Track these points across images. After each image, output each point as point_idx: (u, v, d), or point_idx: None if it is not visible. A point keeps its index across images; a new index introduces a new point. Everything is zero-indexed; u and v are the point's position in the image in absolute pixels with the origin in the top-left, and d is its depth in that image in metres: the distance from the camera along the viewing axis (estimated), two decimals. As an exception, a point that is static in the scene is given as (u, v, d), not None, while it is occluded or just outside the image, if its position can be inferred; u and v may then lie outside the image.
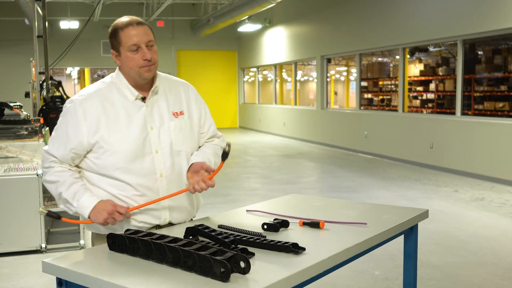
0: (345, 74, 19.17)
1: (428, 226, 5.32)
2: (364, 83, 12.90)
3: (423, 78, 11.34)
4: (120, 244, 1.79)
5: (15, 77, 15.67)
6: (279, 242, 1.78)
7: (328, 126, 13.15)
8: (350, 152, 11.88)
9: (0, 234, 4.56)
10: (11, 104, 6.66)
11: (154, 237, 1.74)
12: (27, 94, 7.65)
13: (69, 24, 15.16)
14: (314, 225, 2.08)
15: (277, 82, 17.31)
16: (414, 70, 11.53)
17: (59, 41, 11.81)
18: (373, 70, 13.16)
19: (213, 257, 1.51)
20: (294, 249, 1.74)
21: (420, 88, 11.69)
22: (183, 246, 1.63)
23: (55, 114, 6.64)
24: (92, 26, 12.90)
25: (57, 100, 7.15)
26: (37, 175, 4.52)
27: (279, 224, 2.05)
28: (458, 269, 4.21)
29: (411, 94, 11.57)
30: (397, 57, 11.00)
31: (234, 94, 20.02)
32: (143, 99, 2.15)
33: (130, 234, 1.79)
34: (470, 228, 5.39)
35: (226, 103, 19.81)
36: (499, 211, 6.07)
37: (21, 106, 7.30)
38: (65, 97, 7.53)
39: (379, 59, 13.88)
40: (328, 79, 14.00)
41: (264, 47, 17.42)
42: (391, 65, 13.18)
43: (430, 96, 11.37)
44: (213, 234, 1.80)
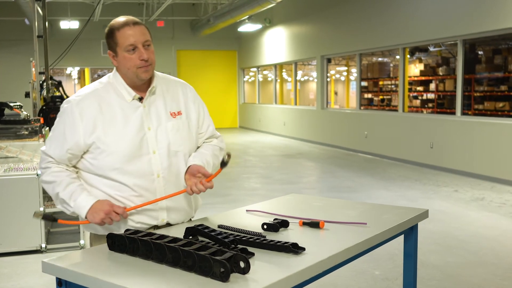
0: (345, 74, 19.17)
1: (428, 226, 5.32)
2: (364, 83, 12.89)
3: (423, 78, 11.34)
4: (119, 244, 1.79)
5: (15, 77, 15.68)
6: (279, 242, 1.78)
7: (328, 126, 13.15)
8: (350, 152, 11.88)
9: (0, 234, 4.56)
10: (11, 104, 6.66)
11: (154, 237, 1.74)
12: (27, 94, 7.65)
13: (69, 24, 15.16)
14: (314, 225, 2.08)
15: (277, 82, 17.31)
16: (414, 70, 11.53)
17: (59, 41, 11.81)
18: (373, 70, 13.16)
19: (212, 257, 1.51)
20: (294, 249, 1.74)
21: (420, 88, 11.69)
22: (183, 246, 1.63)
23: (55, 114, 6.60)
24: (92, 26, 12.88)
25: (57, 100, 7.15)
26: (37, 175, 4.52)
27: (279, 224, 2.05)
28: (458, 269, 4.20)
29: (411, 94, 11.57)
30: (397, 57, 11.00)
31: (234, 94, 20.02)
32: (140, 99, 2.14)
33: (129, 234, 1.79)
34: (470, 228, 5.39)
35: (226, 103, 19.82)
36: (499, 211, 6.07)
37: (21, 106, 7.30)
38: (65, 97, 7.53)
39: (379, 59, 13.87)
40: (328, 79, 14.00)
41: (264, 47, 17.42)
42: (391, 65, 13.18)
43: (430, 96, 11.37)
44: (212, 234, 1.80)
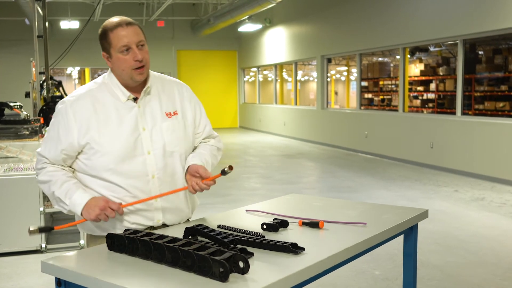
0: (345, 74, 19.17)
1: (428, 226, 5.32)
2: (364, 83, 12.89)
3: (424, 78, 11.34)
4: (119, 244, 1.79)
5: (15, 77, 15.68)
6: (278, 242, 1.77)
7: (328, 126, 13.15)
8: (350, 152, 11.88)
9: (0, 234, 4.56)
10: (11, 104, 6.66)
11: (153, 237, 1.74)
12: (27, 94, 7.65)
13: (69, 24, 15.16)
14: (313, 225, 2.08)
15: (277, 82, 17.31)
16: (415, 70, 11.52)
17: (59, 41, 11.81)
18: (373, 70, 13.15)
19: (212, 257, 1.51)
20: (293, 249, 1.74)
21: (420, 88, 11.69)
22: (182, 246, 1.63)
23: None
24: (92, 26, 12.86)
25: (57, 100, 7.15)
26: (37, 175, 4.51)
27: (279, 224, 2.05)
28: (458, 269, 4.20)
29: (412, 94, 11.57)
30: (397, 57, 11.00)
31: (234, 94, 20.02)
32: (135, 100, 2.13)
33: (129, 234, 1.79)
34: (470, 228, 5.38)
35: (226, 103, 19.82)
36: (499, 211, 6.07)
37: (21, 106, 7.30)
38: (65, 97, 7.52)
39: (380, 59, 13.87)
40: (328, 79, 14.00)
41: (264, 47, 17.41)
42: (392, 65, 13.17)
43: (431, 96, 11.37)
44: (212, 234, 1.80)
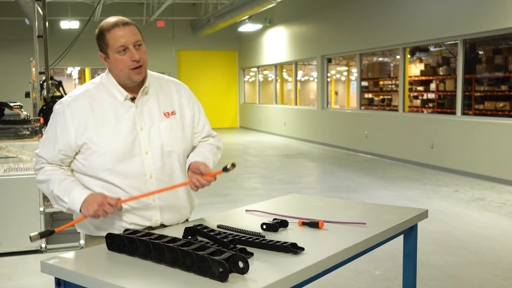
0: (345, 74, 19.17)
1: (428, 226, 5.32)
2: (364, 83, 12.89)
3: (424, 78, 11.34)
4: (118, 244, 1.79)
5: (15, 77, 15.67)
6: (278, 242, 1.77)
7: (328, 126, 13.15)
8: (350, 152, 11.87)
9: (0, 234, 4.56)
10: (11, 104, 6.66)
11: (153, 237, 1.74)
12: (27, 94, 7.65)
13: (69, 24, 15.16)
14: (313, 225, 2.08)
15: (277, 82, 17.31)
16: (415, 70, 11.52)
17: (60, 41, 11.80)
18: (373, 70, 13.15)
19: (211, 257, 1.51)
20: (293, 249, 1.74)
21: (420, 88, 11.69)
22: (182, 246, 1.63)
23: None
24: (92, 26, 12.89)
25: (57, 100, 7.13)
26: (36, 176, 4.51)
27: (278, 224, 2.05)
28: (458, 269, 4.20)
29: (412, 94, 11.57)
30: (397, 57, 10.99)
31: (234, 94, 20.02)
32: (133, 100, 2.12)
33: (128, 234, 1.79)
34: (470, 228, 5.38)
35: (226, 103, 19.82)
36: (499, 211, 6.07)
37: (21, 106, 7.30)
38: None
39: (380, 59, 13.87)
40: (328, 79, 14.00)
41: (264, 47, 17.41)
42: (392, 65, 13.17)
43: (431, 96, 11.37)
44: (212, 234, 1.80)
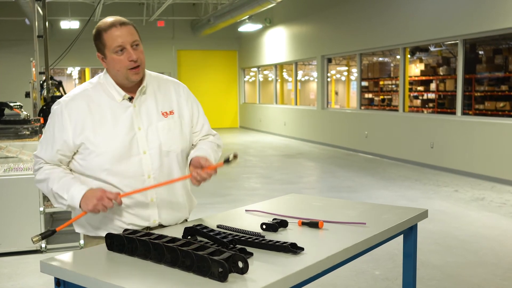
0: (345, 74, 19.17)
1: (428, 226, 5.32)
2: (364, 83, 12.89)
3: (424, 78, 11.34)
4: (118, 244, 1.79)
5: (15, 77, 15.68)
6: (278, 242, 1.77)
7: (328, 126, 13.15)
8: (350, 152, 11.87)
9: (0, 234, 4.56)
10: (11, 104, 6.66)
11: (152, 237, 1.74)
12: (28, 94, 7.65)
13: (69, 24, 15.16)
14: (313, 225, 2.08)
15: (277, 82, 17.31)
16: (415, 70, 11.52)
17: (60, 41, 11.80)
18: (373, 70, 13.15)
19: (211, 257, 1.51)
20: (293, 249, 1.74)
21: (420, 88, 11.69)
22: (181, 246, 1.63)
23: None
24: (92, 26, 12.88)
25: (57, 100, 7.14)
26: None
27: (278, 224, 2.05)
28: (458, 269, 4.20)
29: (412, 94, 11.57)
30: (397, 56, 10.99)
31: (234, 94, 20.02)
32: (131, 99, 2.12)
33: (128, 234, 1.79)
34: (470, 228, 5.38)
35: (226, 103, 19.81)
36: (499, 211, 6.07)
37: (21, 106, 7.30)
38: (64, 97, 7.51)
39: (380, 59, 13.87)
40: (328, 79, 14.00)
41: (264, 47, 17.41)
42: (392, 65, 13.17)
43: (431, 96, 11.37)
44: (211, 234, 1.80)
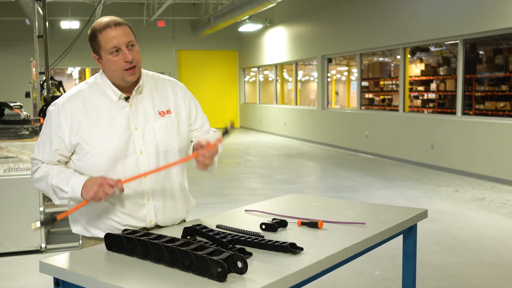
0: (346, 74, 19.17)
1: (428, 226, 5.31)
2: (365, 83, 12.89)
3: (424, 78, 11.34)
4: (117, 244, 1.79)
5: (16, 77, 15.68)
6: (277, 242, 1.77)
7: (328, 126, 13.15)
8: (350, 152, 11.87)
9: (0, 234, 4.56)
10: (11, 104, 6.67)
11: (152, 237, 1.74)
12: (28, 94, 7.64)
13: (69, 24, 15.16)
14: (312, 225, 2.08)
15: (277, 82, 17.30)
16: (415, 70, 11.52)
17: (60, 41, 11.80)
18: (374, 70, 13.15)
19: (210, 257, 1.51)
20: (292, 249, 1.74)
21: (421, 88, 11.69)
22: (180, 246, 1.63)
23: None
24: (92, 26, 12.88)
25: (57, 100, 7.13)
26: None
27: (277, 224, 2.05)
28: (458, 269, 4.20)
29: (412, 94, 11.57)
30: (398, 56, 11.00)
31: (234, 94, 20.02)
32: (127, 99, 2.11)
33: (127, 234, 1.79)
34: (471, 228, 5.38)
35: (226, 103, 19.81)
36: (500, 211, 6.06)
37: (21, 106, 7.30)
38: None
39: (380, 59, 13.87)
40: (329, 79, 13.99)
41: (264, 47, 17.41)
42: (392, 65, 13.18)
43: (431, 96, 11.37)
44: (210, 234, 1.80)
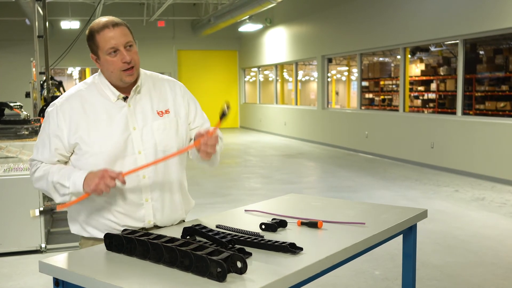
0: (346, 74, 19.17)
1: (428, 226, 5.31)
2: (365, 83, 12.88)
3: (424, 78, 11.34)
4: (117, 244, 1.79)
5: (16, 77, 15.67)
6: (277, 242, 1.77)
7: (328, 126, 13.14)
8: (350, 152, 11.87)
9: (0, 234, 4.56)
10: (11, 104, 6.66)
11: (151, 237, 1.74)
12: (28, 94, 7.65)
13: (69, 24, 15.16)
14: (312, 225, 2.08)
15: (278, 82, 17.30)
16: (415, 70, 11.52)
17: (60, 41, 11.80)
18: (374, 70, 13.15)
19: (209, 257, 1.51)
20: (292, 249, 1.73)
21: (421, 88, 11.69)
22: (180, 246, 1.63)
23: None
24: (93, 26, 12.86)
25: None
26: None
27: (277, 224, 2.05)
28: (458, 269, 4.20)
29: (412, 94, 11.56)
30: (398, 56, 10.99)
31: (235, 94, 20.01)
32: (125, 99, 2.11)
33: (127, 234, 1.79)
34: (471, 228, 5.38)
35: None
36: (500, 211, 6.06)
37: (21, 106, 7.30)
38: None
39: (380, 59, 13.87)
40: (329, 79, 13.99)
41: (265, 47, 17.41)
42: (392, 64, 13.17)
43: (431, 96, 11.37)
44: (210, 234, 1.79)
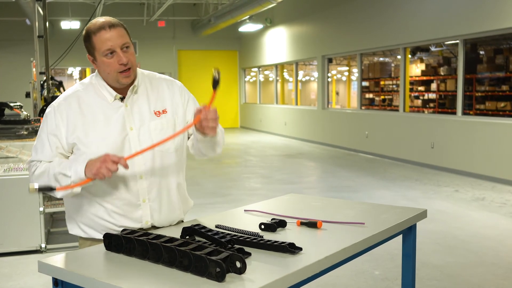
0: (346, 74, 19.17)
1: (428, 226, 5.31)
2: (365, 83, 12.88)
3: (425, 78, 11.34)
4: (116, 244, 1.79)
5: (16, 77, 15.67)
6: (276, 242, 1.77)
7: (329, 126, 13.14)
8: (351, 152, 11.87)
9: (0, 234, 4.56)
10: (11, 104, 6.67)
11: (150, 237, 1.74)
12: (28, 94, 7.65)
13: (70, 24, 15.16)
14: (311, 225, 2.07)
15: (278, 82, 17.30)
16: (416, 70, 11.52)
17: (60, 41, 11.80)
18: (374, 70, 13.15)
19: (208, 257, 1.51)
20: (291, 249, 1.73)
21: (421, 88, 11.69)
22: (179, 246, 1.63)
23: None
24: (93, 26, 12.84)
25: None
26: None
27: (277, 224, 2.05)
28: (458, 269, 4.20)
29: (413, 94, 11.56)
30: (398, 56, 10.99)
31: (235, 94, 20.02)
32: (122, 99, 2.10)
33: (126, 234, 1.79)
34: (471, 228, 5.38)
35: (227, 103, 19.80)
36: (500, 211, 6.06)
37: (21, 106, 7.30)
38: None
39: (381, 59, 13.87)
40: (329, 79, 13.99)
41: (265, 47, 17.41)
42: (393, 65, 13.18)
43: (432, 96, 11.37)
44: (209, 234, 1.79)
